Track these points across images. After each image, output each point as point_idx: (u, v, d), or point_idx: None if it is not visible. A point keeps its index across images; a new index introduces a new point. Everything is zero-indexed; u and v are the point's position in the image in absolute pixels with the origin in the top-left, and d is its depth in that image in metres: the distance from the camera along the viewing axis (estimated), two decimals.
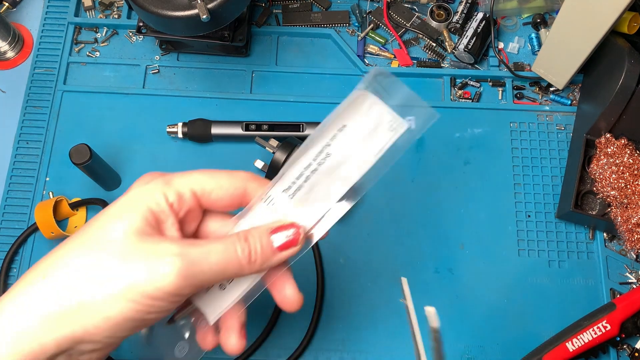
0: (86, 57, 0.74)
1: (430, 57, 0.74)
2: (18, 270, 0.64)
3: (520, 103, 0.72)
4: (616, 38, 0.64)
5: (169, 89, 0.72)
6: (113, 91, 0.72)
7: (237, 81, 0.73)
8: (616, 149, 0.63)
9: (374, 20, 0.75)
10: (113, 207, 0.34)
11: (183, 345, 0.39)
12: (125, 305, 0.31)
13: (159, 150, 0.69)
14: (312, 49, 0.75)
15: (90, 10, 0.76)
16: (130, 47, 0.74)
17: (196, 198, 0.36)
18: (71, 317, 0.31)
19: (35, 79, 0.72)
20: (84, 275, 0.31)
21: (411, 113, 0.36)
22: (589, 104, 0.68)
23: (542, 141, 0.70)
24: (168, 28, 0.62)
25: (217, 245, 0.34)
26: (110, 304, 0.31)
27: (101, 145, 0.66)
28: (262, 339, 0.61)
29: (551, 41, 0.65)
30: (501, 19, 0.75)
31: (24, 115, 0.71)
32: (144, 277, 0.31)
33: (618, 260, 0.65)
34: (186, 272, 0.32)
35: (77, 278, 0.31)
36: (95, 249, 0.32)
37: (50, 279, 0.32)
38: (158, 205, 0.34)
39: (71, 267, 0.32)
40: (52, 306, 0.31)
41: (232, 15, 0.62)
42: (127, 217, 0.33)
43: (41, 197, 0.67)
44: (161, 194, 0.34)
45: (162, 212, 0.34)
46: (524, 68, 0.73)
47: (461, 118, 0.71)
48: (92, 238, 0.33)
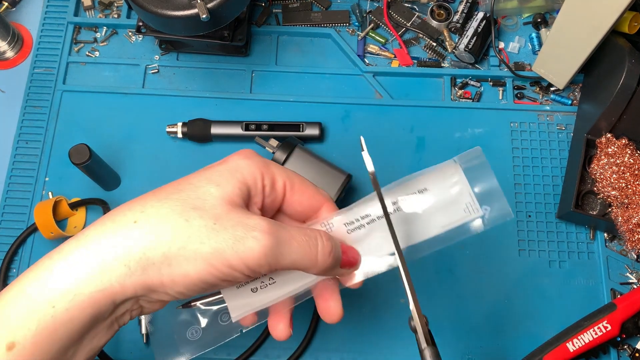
0: (86, 57, 0.73)
1: (430, 56, 0.74)
2: (17, 270, 0.64)
3: (521, 103, 0.71)
4: (617, 38, 0.64)
5: (168, 88, 0.72)
6: (113, 91, 0.71)
7: (237, 81, 0.73)
8: (617, 148, 0.63)
9: (374, 19, 0.75)
10: (209, 171, 0.35)
11: (197, 330, 0.39)
12: (206, 268, 0.32)
13: (159, 150, 0.69)
14: (312, 49, 0.74)
15: (90, 9, 0.75)
16: (130, 46, 0.74)
17: (284, 191, 0.38)
18: (154, 267, 0.32)
19: (35, 79, 0.72)
20: (173, 230, 0.32)
21: (489, 203, 0.38)
22: (589, 104, 0.68)
23: (542, 141, 0.70)
24: (168, 28, 0.61)
25: (301, 234, 0.35)
26: (192, 263, 0.31)
27: (101, 145, 0.66)
28: (262, 339, 0.61)
29: (552, 41, 0.65)
30: (502, 18, 0.75)
31: (24, 115, 0.71)
32: (230, 245, 0.32)
33: (619, 260, 0.64)
34: (270, 251, 0.32)
35: (166, 231, 0.32)
36: (187, 208, 0.32)
37: (141, 225, 0.32)
38: (255, 181, 0.36)
39: (162, 219, 0.32)
40: (138, 253, 0.32)
41: (232, 15, 0.62)
42: (223, 184, 0.34)
43: (41, 197, 0.67)
44: (259, 172, 0.36)
45: (255, 188, 0.36)
46: (524, 68, 0.73)
47: (461, 118, 0.70)
48: (186, 196, 0.33)
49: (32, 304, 0.31)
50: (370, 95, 0.72)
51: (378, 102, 0.71)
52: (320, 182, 0.62)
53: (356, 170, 0.66)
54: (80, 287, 0.31)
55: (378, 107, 0.71)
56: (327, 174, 0.62)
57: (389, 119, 0.71)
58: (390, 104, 0.71)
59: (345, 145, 0.69)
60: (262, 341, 0.61)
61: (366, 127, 0.70)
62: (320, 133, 0.68)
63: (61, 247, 0.33)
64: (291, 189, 0.38)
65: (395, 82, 0.72)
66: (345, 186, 0.62)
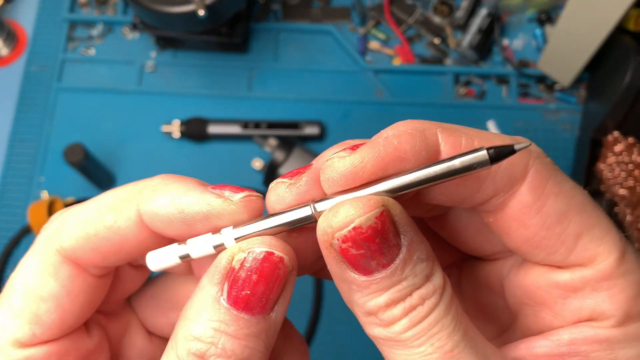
0: (81, 54, 0.72)
1: (433, 54, 0.72)
2: (12, 271, 0.63)
3: (525, 101, 0.70)
4: (622, 36, 0.63)
5: (165, 86, 0.71)
6: (108, 89, 0.70)
7: (236, 79, 0.71)
8: (624, 147, 0.62)
9: (376, 16, 0.73)
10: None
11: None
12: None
13: (155, 149, 0.68)
14: (312, 46, 0.73)
15: (86, 6, 0.74)
16: (126, 44, 0.73)
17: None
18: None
19: (29, 77, 0.71)
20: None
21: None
22: (595, 102, 0.67)
23: (547, 140, 0.68)
24: (164, 24, 0.60)
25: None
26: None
27: (96, 144, 0.65)
28: None
29: (556, 38, 0.64)
30: (506, 14, 0.74)
31: (18, 113, 0.69)
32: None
33: None
34: None
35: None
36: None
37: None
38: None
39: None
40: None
41: (230, 11, 0.60)
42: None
43: (35, 196, 0.66)
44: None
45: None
46: (528, 65, 0.72)
47: (464, 116, 0.69)
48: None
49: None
50: (372, 93, 0.71)
51: (379, 100, 0.70)
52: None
53: None
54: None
55: (379, 105, 0.70)
56: None
57: (390, 117, 0.69)
58: (392, 102, 0.70)
59: None
60: None
61: (367, 125, 0.69)
62: (321, 132, 0.67)
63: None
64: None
65: (397, 80, 0.71)
66: None
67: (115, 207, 0.23)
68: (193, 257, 0.22)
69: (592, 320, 0.21)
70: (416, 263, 0.20)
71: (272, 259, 0.21)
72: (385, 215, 0.20)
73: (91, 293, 0.24)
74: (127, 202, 0.23)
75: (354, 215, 0.19)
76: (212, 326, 0.20)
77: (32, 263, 0.23)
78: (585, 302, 0.21)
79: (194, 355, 0.20)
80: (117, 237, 0.23)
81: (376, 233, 0.19)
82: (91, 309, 0.24)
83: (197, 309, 0.21)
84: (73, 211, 0.23)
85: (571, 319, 0.22)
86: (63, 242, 0.23)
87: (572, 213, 0.21)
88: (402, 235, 0.20)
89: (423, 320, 0.20)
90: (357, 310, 0.21)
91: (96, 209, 0.23)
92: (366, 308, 0.21)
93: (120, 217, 0.23)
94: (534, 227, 0.21)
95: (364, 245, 0.20)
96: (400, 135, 0.21)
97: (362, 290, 0.20)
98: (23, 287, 0.23)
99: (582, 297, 0.21)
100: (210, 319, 0.20)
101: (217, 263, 0.21)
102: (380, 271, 0.20)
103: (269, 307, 0.21)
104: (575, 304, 0.22)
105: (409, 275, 0.20)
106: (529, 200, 0.21)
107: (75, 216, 0.23)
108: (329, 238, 0.20)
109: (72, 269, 0.23)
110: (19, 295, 0.23)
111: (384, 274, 0.20)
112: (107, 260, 0.23)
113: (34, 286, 0.23)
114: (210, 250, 0.22)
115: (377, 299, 0.20)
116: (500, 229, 0.22)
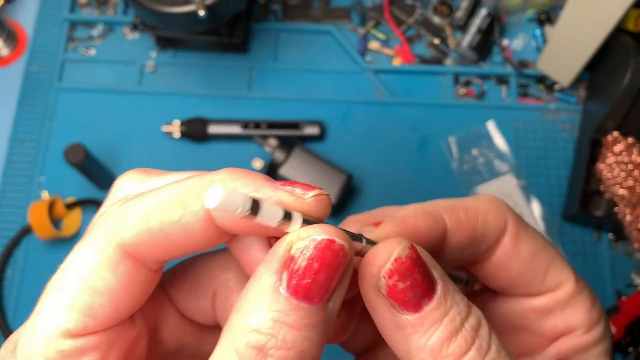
0: (81, 54, 0.72)
1: (432, 54, 0.72)
2: (13, 271, 0.63)
3: (525, 101, 0.70)
4: (622, 36, 0.63)
5: (165, 86, 0.71)
6: (109, 89, 0.70)
7: (236, 79, 0.71)
8: (623, 147, 0.62)
9: (375, 16, 0.73)
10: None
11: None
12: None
13: (155, 149, 0.68)
14: (312, 46, 0.73)
15: (86, 6, 0.74)
16: (126, 44, 0.73)
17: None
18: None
19: (30, 77, 0.71)
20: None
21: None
22: (595, 102, 0.67)
23: (547, 140, 0.68)
24: (165, 24, 0.60)
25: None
26: None
27: (96, 144, 0.65)
28: None
29: (556, 38, 0.64)
30: (505, 15, 0.74)
31: (18, 113, 0.69)
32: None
33: (624, 262, 0.63)
34: None
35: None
36: None
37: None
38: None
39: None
40: None
41: (230, 11, 0.60)
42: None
43: (35, 196, 0.66)
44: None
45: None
46: (528, 65, 0.72)
47: (464, 117, 0.69)
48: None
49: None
50: (371, 93, 0.71)
51: (379, 101, 0.70)
52: (320, 182, 0.60)
53: (357, 170, 0.64)
54: None
55: (379, 105, 0.70)
56: (327, 174, 0.61)
57: (390, 117, 0.69)
58: (392, 102, 0.70)
59: (346, 144, 0.68)
60: None
61: (367, 126, 0.69)
62: (321, 132, 0.67)
63: None
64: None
65: (397, 80, 0.71)
66: (345, 186, 0.61)
67: (181, 202, 0.22)
68: (258, 217, 0.21)
69: (567, 334, 0.26)
70: (454, 293, 0.22)
71: (333, 247, 0.20)
72: (414, 248, 0.22)
73: (145, 286, 0.24)
74: (194, 197, 0.22)
75: (391, 249, 0.21)
76: (271, 316, 0.19)
77: (89, 255, 0.22)
78: (557, 319, 0.26)
79: (254, 348, 0.19)
80: (183, 233, 0.22)
81: (413, 262, 0.21)
82: (142, 301, 0.24)
83: (255, 298, 0.20)
84: (133, 204, 0.23)
85: (548, 335, 0.27)
86: (125, 237, 0.22)
87: (540, 251, 0.26)
88: (432, 269, 0.22)
89: (490, 347, 0.22)
90: (421, 359, 0.21)
91: (159, 203, 0.22)
92: (428, 348, 0.21)
93: (188, 212, 0.22)
94: (515, 269, 0.26)
95: (408, 275, 0.21)
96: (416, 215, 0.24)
97: (418, 330, 0.21)
98: (78, 279, 0.22)
99: (555, 316, 0.26)
100: (269, 308, 0.20)
101: (275, 251, 0.21)
102: (428, 303, 0.21)
103: (327, 296, 0.20)
104: (550, 323, 0.26)
105: (454, 304, 0.22)
106: (511, 247, 0.26)
107: (136, 210, 0.22)
108: (376, 280, 0.21)
109: (131, 264, 0.23)
110: (73, 286, 0.22)
111: (432, 305, 0.21)
112: (168, 255, 0.23)
113: (90, 278, 0.22)
114: (276, 217, 0.21)
115: (437, 334, 0.21)
116: (485, 275, 0.27)
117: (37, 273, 0.63)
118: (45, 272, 0.73)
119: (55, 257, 0.64)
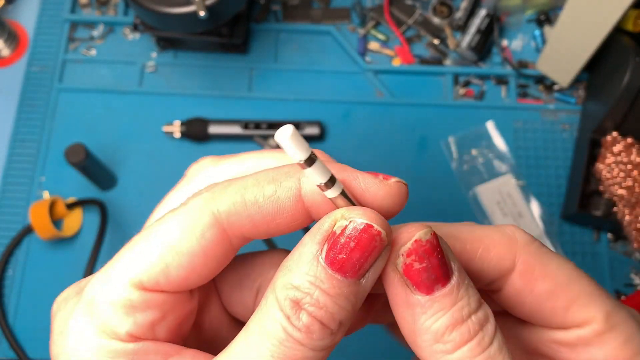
0: (82, 54, 0.72)
1: (432, 54, 0.73)
2: (13, 271, 0.63)
3: (524, 101, 0.70)
4: (621, 36, 0.63)
5: (166, 87, 0.71)
6: (109, 89, 0.70)
7: (236, 79, 0.72)
8: (623, 147, 0.62)
9: (375, 17, 0.74)
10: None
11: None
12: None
13: (156, 149, 0.68)
14: (312, 47, 0.73)
15: (86, 7, 0.74)
16: (127, 44, 0.73)
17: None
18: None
19: (31, 77, 0.71)
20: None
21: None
22: (594, 103, 0.67)
23: (546, 140, 0.69)
24: (165, 25, 0.61)
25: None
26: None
27: (97, 145, 0.65)
28: None
29: (555, 38, 0.64)
30: (505, 15, 0.74)
31: (19, 113, 0.70)
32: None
33: (623, 262, 0.64)
34: None
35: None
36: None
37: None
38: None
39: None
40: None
41: (231, 12, 0.61)
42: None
43: (36, 196, 0.66)
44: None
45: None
46: (527, 65, 0.72)
47: (464, 117, 0.69)
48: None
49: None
50: (371, 93, 0.71)
51: (379, 101, 0.70)
52: None
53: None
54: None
55: (379, 105, 0.70)
56: None
57: (390, 117, 0.70)
58: (392, 102, 0.70)
59: (346, 144, 0.68)
60: None
61: (367, 126, 0.69)
62: (321, 132, 0.67)
63: None
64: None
65: (397, 81, 0.71)
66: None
67: (275, 179, 0.24)
68: (309, 169, 0.22)
69: None
70: (468, 287, 0.23)
71: (370, 231, 0.22)
72: (436, 235, 0.23)
73: (221, 261, 0.25)
74: (289, 176, 0.24)
75: (414, 230, 0.23)
76: (308, 279, 0.22)
77: (181, 217, 0.24)
78: (581, 355, 0.26)
79: (292, 301, 0.22)
80: (274, 208, 0.24)
81: (433, 247, 0.22)
82: (211, 276, 0.25)
83: (297, 262, 0.22)
84: (233, 180, 0.24)
85: None
86: (220, 205, 0.24)
87: (559, 290, 0.25)
88: (450, 260, 0.23)
89: (492, 343, 0.22)
90: (424, 340, 0.22)
91: (255, 178, 0.24)
92: (432, 330, 0.22)
93: (281, 188, 0.24)
94: (528, 305, 0.26)
95: (425, 258, 0.22)
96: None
97: (426, 312, 0.22)
98: (162, 237, 0.24)
99: (578, 351, 0.26)
100: (308, 273, 0.22)
101: (321, 225, 0.23)
102: (440, 289, 0.22)
103: (361, 273, 0.22)
104: (573, 357, 0.26)
105: (465, 296, 0.23)
106: (521, 285, 0.25)
107: (235, 184, 0.24)
108: (395, 256, 0.23)
109: (218, 234, 0.24)
110: (158, 242, 0.24)
111: (443, 291, 0.22)
112: (254, 232, 0.24)
113: (176, 239, 0.24)
114: (324, 176, 0.23)
115: (443, 319, 0.22)
116: (502, 303, 0.27)
117: (38, 273, 0.63)
118: (46, 272, 0.73)
119: (56, 257, 0.64)
